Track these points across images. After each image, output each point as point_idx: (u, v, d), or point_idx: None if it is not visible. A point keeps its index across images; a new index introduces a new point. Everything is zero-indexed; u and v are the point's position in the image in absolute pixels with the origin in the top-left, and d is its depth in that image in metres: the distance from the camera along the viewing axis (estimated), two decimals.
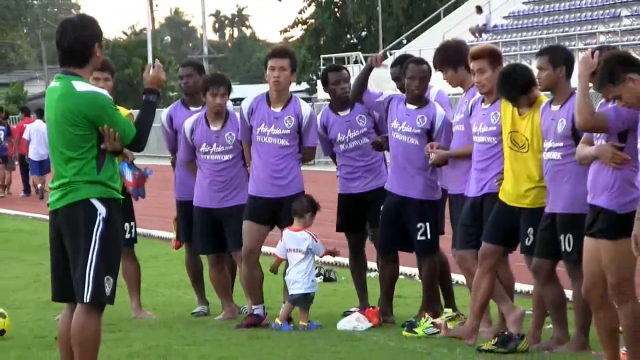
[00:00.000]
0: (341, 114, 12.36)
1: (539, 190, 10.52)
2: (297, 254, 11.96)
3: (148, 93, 8.85)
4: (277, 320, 11.84)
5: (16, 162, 32.40)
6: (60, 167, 8.65)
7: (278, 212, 12.07)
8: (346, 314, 12.27)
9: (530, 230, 10.43)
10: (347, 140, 12.22)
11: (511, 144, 10.50)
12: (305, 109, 12.17)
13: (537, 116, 10.25)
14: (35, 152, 32.32)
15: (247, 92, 16.69)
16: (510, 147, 10.49)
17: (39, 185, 32.68)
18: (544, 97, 10.24)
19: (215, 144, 12.38)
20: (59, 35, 8.89)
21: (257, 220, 12.02)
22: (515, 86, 10.40)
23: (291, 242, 11.94)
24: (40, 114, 33.37)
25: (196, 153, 12.34)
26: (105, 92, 8.66)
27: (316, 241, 11.95)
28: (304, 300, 11.83)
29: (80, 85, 8.58)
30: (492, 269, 10.61)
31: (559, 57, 10.35)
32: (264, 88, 12.12)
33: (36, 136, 32.33)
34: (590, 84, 9.22)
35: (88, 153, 8.64)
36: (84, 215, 8.56)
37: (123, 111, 11.31)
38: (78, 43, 8.74)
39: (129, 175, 11.83)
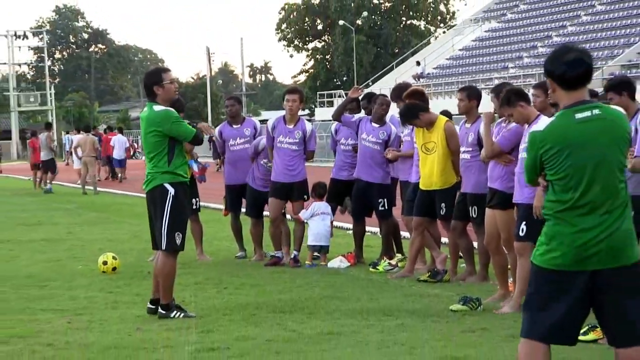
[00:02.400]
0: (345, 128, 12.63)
1: (443, 177, 10.80)
2: (323, 215, 12.41)
3: (198, 141, 9.46)
4: (307, 262, 12.29)
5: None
6: (147, 162, 9.18)
7: (290, 192, 12.58)
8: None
9: (442, 204, 10.95)
10: (346, 144, 12.56)
11: (425, 150, 10.89)
12: (309, 126, 12.73)
13: (441, 131, 10.77)
14: (117, 153, 34.71)
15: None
16: (424, 152, 10.94)
17: (119, 175, 34.93)
18: (443, 117, 11.06)
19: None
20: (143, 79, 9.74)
21: (278, 197, 12.56)
22: (408, 114, 10.88)
23: (320, 208, 12.50)
24: (119, 130, 37.78)
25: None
26: (173, 110, 9.14)
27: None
28: (325, 250, 12.46)
29: (156, 107, 9.02)
30: (422, 231, 11.17)
31: (472, 93, 10.70)
32: (282, 113, 12.21)
33: (117, 144, 34.69)
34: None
35: (161, 152, 8.97)
36: (160, 195, 9.03)
37: None
38: (148, 82, 9.21)
39: (195, 167, 12.33)
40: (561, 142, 5.05)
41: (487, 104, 10.64)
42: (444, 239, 11.63)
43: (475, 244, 10.95)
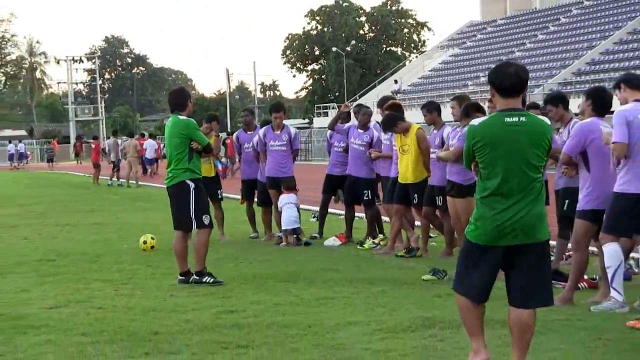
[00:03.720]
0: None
1: (416, 173, 10.82)
2: (290, 204, 12.28)
3: (210, 149, 9.49)
4: (284, 242, 12.22)
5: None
6: (170, 160, 9.20)
7: (280, 184, 12.60)
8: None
9: (415, 195, 10.97)
10: (339, 146, 12.68)
11: (401, 151, 10.92)
12: (292, 130, 12.97)
13: (414, 136, 10.78)
14: (148, 154, 35.38)
15: None
16: (401, 153, 10.93)
17: (148, 171, 35.46)
18: (416, 125, 10.97)
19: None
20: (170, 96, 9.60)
21: (274, 189, 12.67)
22: (388, 124, 10.88)
23: (287, 199, 12.36)
24: (150, 135, 38.34)
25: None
26: (193, 121, 9.21)
27: (297, 198, 12.58)
28: (297, 230, 12.28)
29: (181, 117, 9.18)
30: (400, 216, 11.17)
31: (431, 107, 10.91)
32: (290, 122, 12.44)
33: (148, 147, 35.24)
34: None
35: (182, 153, 9.04)
36: (183, 189, 9.06)
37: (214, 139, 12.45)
38: (180, 100, 9.21)
39: (219, 166, 12.26)
40: (488, 138, 5.05)
41: (447, 113, 10.84)
42: (417, 223, 11.55)
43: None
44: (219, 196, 12.95)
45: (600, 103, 7.56)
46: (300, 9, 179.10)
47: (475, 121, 5.27)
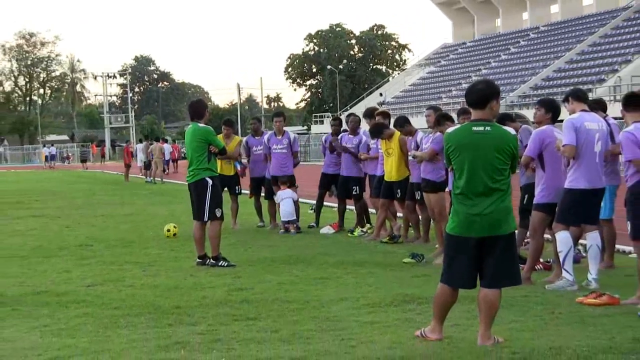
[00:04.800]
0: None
1: (399, 172, 10.72)
2: (287, 199, 12.29)
3: (224, 152, 9.35)
4: (290, 229, 12.12)
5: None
6: (191, 160, 9.11)
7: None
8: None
9: (398, 190, 10.88)
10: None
11: (386, 154, 10.87)
12: (292, 134, 12.91)
13: (397, 141, 10.74)
14: (165, 155, 33.82)
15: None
16: (386, 155, 10.87)
17: (166, 170, 34.55)
18: (398, 132, 10.74)
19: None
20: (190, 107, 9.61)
21: (277, 185, 12.55)
22: (376, 132, 10.82)
23: (284, 194, 12.28)
24: (163, 139, 36.60)
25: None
26: (211, 128, 9.33)
27: (296, 192, 12.47)
28: (294, 221, 12.21)
29: (200, 125, 9.23)
30: (385, 209, 11.10)
31: (403, 121, 10.63)
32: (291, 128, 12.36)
33: (165, 150, 34.10)
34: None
35: (202, 155, 9.02)
36: (203, 185, 9.04)
37: (235, 139, 12.49)
38: (199, 110, 9.23)
39: (238, 167, 12.70)
40: (457, 143, 5.07)
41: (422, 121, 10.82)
42: (400, 214, 11.49)
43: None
44: (237, 191, 12.97)
45: (556, 113, 7.58)
46: (300, 32, 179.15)
47: (450, 129, 5.29)
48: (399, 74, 76.61)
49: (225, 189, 11.60)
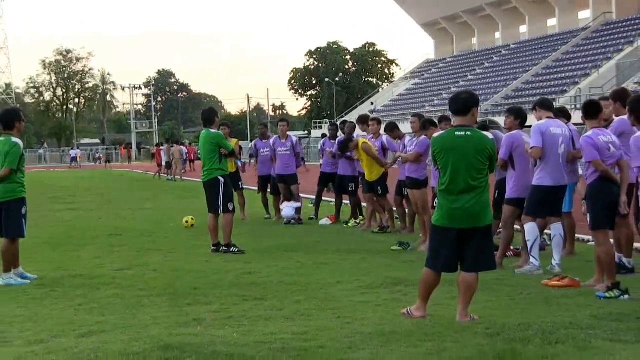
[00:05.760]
0: (332, 141, 12.81)
1: (373, 174, 10.74)
2: (289, 208, 12.18)
3: (232, 153, 9.33)
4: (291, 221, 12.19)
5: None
6: (205, 162, 9.15)
7: (287, 179, 12.52)
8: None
9: (378, 187, 10.84)
10: (330, 151, 12.63)
11: (360, 160, 10.93)
12: (294, 138, 12.93)
13: (361, 150, 10.62)
14: (181, 156, 32.47)
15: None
16: (361, 162, 10.95)
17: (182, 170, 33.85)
18: (361, 140, 10.77)
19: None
20: (203, 114, 9.62)
21: (282, 183, 12.56)
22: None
23: (289, 204, 12.24)
24: (176, 142, 35.52)
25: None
26: (222, 132, 9.47)
27: (296, 203, 12.51)
28: (295, 218, 12.17)
29: (212, 130, 9.21)
30: (373, 202, 11.05)
31: (393, 126, 10.88)
32: (293, 133, 12.29)
33: (182, 151, 33.22)
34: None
35: (214, 156, 8.98)
36: (216, 183, 9.01)
37: (233, 141, 12.23)
38: (209, 117, 9.25)
39: (240, 164, 12.79)
40: (442, 146, 5.05)
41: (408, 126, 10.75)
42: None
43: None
44: (240, 186, 12.93)
45: (524, 119, 7.68)
46: (302, 49, 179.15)
47: (436, 134, 5.25)
48: (387, 85, 76.47)
49: None
